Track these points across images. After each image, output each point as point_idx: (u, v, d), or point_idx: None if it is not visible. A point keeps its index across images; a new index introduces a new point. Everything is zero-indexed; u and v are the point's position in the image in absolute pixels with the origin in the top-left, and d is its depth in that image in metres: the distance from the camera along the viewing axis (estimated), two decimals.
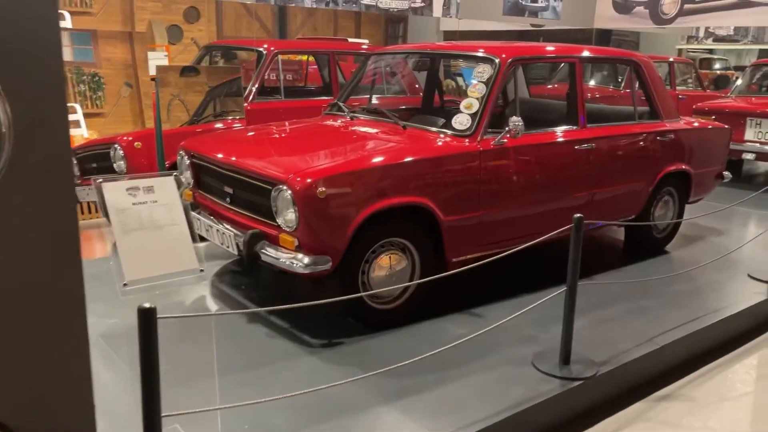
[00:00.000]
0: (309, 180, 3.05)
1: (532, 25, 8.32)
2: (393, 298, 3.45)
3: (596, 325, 3.59)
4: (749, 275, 4.51)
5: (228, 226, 3.53)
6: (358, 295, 3.06)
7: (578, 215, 2.94)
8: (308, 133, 4.14)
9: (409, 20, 12.40)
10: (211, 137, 4.11)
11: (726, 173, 5.33)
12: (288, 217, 3.12)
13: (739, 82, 8.71)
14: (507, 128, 3.62)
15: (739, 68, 19.19)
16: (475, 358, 3.10)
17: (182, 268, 2.07)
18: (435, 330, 3.45)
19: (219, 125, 5.22)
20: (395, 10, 5.99)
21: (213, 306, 3.70)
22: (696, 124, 5.05)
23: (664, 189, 4.81)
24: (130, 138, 4.84)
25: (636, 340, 3.42)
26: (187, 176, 3.95)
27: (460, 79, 10.83)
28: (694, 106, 7.87)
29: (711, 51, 22.08)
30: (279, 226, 3.19)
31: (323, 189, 3.04)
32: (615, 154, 4.33)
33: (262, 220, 3.33)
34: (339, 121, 4.23)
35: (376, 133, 3.85)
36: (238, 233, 3.40)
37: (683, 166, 4.82)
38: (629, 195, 4.52)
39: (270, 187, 3.18)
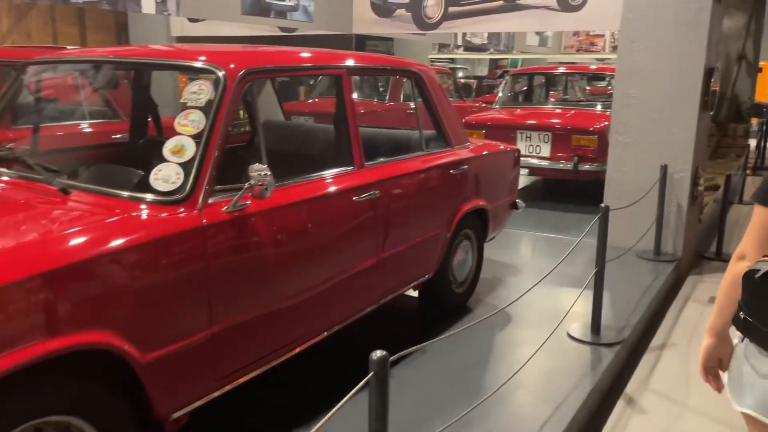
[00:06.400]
0: None
1: (281, 29, 7.00)
2: None
3: None
4: (569, 335, 3.65)
5: None
6: None
7: None
8: None
9: (129, 23, 10.33)
10: None
11: (519, 201, 4.51)
12: None
13: (500, 94, 8.35)
14: (248, 183, 2.19)
15: (477, 77, 20.13)
16: None
17: None
18: None
19: None
20: (81, 2, 4.21)
21: None
22: (501, 148, 4.13)
23: (462, 232, 3.80)
24: None
25: None
26: None
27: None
28: (463, 120, 7.23)
29: (452, 60, 23.04)
30: None
31: None
32: (406, 200, 3.16)
33: None
34: None
35: (13, 205, 2.15)
36: None
37: (480, 203, 3.85)
38: (426, 248, 3.40)
39: None
